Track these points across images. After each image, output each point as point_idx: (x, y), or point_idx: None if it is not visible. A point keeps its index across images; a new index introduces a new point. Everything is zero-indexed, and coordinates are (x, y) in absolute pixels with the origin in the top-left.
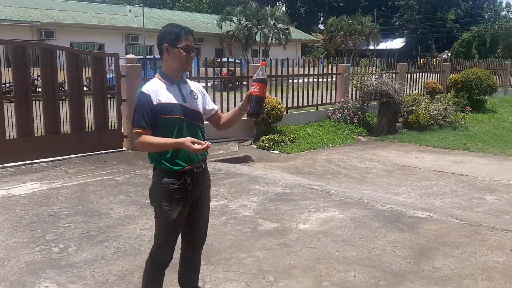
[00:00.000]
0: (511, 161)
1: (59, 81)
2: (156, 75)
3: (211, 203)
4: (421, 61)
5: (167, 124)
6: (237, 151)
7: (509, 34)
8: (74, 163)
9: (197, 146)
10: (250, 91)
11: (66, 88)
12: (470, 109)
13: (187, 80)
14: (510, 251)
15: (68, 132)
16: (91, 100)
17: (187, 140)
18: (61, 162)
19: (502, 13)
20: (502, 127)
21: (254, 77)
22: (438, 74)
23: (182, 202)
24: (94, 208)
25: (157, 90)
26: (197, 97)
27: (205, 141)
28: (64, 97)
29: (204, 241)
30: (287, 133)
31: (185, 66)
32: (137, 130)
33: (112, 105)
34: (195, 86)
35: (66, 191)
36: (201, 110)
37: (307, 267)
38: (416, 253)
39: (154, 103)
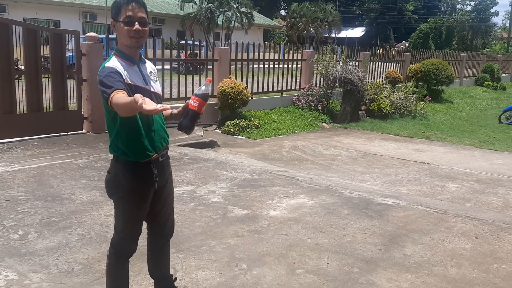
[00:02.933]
0: (469, 150)
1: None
2: (113, 54)
3: (178, 189)
4: (380, 51)
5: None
6: (202, 136)
7: (463, 27)
8: (31, 145)
9: (150, 107)
10: (188, 102)
11: (22, 66)
12: (430, 98)
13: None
14: (476, 238)
15: (24, 112)
16: (50, 79)
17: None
18: (17, 143)
19: (458, 6)
20: (459, 117)
21: (196, 91)
22: (399, 64)
23: (148, 194)
24: (55, 193)
25: (123, 69)
26: (156, 79)
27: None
28: (19, 76)
29: (173, 230)
30: (252, 119)
31: (131, 42)
32: (113, 93)
33: (71, 85)
34: (152, 67)
35: (24, 175)
36: (160, 92)
37: (280, 254)
38: (386, 240)
39: (125, 81)
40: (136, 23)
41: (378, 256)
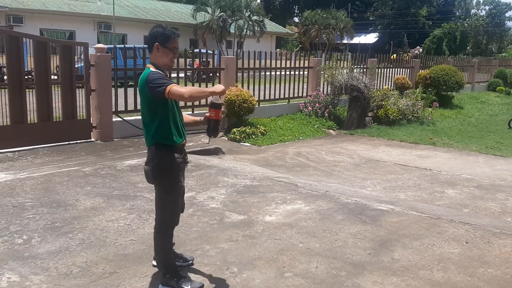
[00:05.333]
0: (474, 156)
1: (28, 69)
2: (150, 66)
3: None
4: (393, 57)
5: (167, 105)
6: (208, 143)
7: (478, 32)
8: (41, 153)
9: (222, 89)
10: (207, 114)
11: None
12: (438, 104)
13: None
14: (466, 243)
15: (35, 121)
16: (59, 89)
17: (220, 86)
18: (28, 152)
19: (472, 11)
20: (468, 123)
21: (209, 102)
22: (408, 70)
23: (182, 172)
24: (60, 199)
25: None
26: None
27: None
28: (31, 86)
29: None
30: (258, 126)
31: (170, 63)
32: (177, 87)
33: (81, 94)
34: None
35: (32, 182)
36: None
37: (271, 258)
38: (377, 245)
39: None
40: (176, 52)
41: (366, 260)
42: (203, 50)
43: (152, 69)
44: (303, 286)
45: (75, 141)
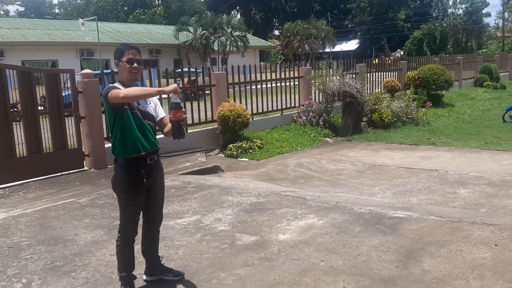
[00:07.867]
0: (476, 153)
1: (13, 101)
2: (116, 83)
3: (183, 220)
4: (376, 61)
5: (122, 116)
6: (205, 162)
7: (457, 30)
8: (33, 187)
9: (173, 87)
10: (170, 116)
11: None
12: (431, 104)
13: None
14: (495, 245)
15: (24, 155)
16: (47, 119)
17: (172, 86)
18: (19, 187)
19: (450, 10)
20: (462, 120)
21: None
22: (396, 72)
23: (138, 188)
24: (58, 235)
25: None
26: (150, 102)
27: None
28: (18, 118)
29: (161, 219)
30: (254, 140)
31: (131, 76)
32: (116, 89)
33: (70, 123)
34: None
35: (26, 219)
36: (152, 112)
37: (293, 281)
38: (403, 256)
39: None
40: (135, 62)
41: (395, 274)
42: (192, 69)
43: (116, 84)
44: None
45: (68, 171)
